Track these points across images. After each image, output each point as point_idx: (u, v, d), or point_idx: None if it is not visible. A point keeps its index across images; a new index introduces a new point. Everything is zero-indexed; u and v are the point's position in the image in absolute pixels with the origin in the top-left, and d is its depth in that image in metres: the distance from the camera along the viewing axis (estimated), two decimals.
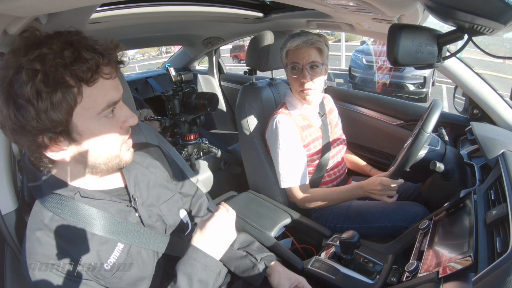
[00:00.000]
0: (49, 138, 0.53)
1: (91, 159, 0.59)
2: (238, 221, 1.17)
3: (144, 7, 1.20)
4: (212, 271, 0.66)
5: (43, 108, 0.50)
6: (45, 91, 0.49)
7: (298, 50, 1.14)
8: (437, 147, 1.00)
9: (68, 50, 0.51)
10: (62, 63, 0.50)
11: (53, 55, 0.50)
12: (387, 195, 1.04)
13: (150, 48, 11.23)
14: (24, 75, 0.49)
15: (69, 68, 0.51)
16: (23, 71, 0.49)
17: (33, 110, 0.50)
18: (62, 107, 0.51)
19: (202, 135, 1.94)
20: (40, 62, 0.49)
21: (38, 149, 0.55)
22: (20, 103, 0.50)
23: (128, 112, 0.62)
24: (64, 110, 0.52)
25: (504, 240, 0.61)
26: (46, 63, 0.49)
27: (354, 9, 0.74)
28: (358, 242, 0.87)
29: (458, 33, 0.59)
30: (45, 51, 0.50)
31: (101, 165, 0.61)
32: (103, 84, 0.56)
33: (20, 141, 0.55)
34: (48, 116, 0.51)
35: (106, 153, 0.60)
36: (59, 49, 0.51)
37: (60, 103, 0.51)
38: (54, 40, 0.52)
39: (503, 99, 1.19)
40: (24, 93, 0.49)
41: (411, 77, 5.17)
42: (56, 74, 0.50)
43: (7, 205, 0.76)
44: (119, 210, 0.67)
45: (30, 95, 0.49)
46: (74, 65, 0.51)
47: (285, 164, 1.20)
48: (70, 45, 0.52)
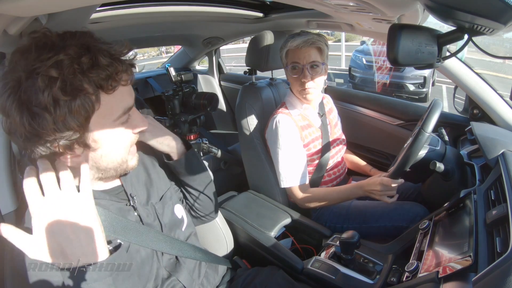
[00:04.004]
0: (64, 146, 0.52)
1: (103, 164, 0.59)
2: (238, 221, 1.17)
3: (144, 7, 1.20)
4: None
5: (60, 116, 0.48)
6: (63, 99, 0.48)
7: (298, 49, 1.14)
8: (437, 147, 1.00)
9: (86, 56, 0.49)
10: (80, 69, 0.49)
11: (70, 61, 0.48)
12: (387, 195, 1.04)
13: (150, 48, 11.23)
14: (40, 81, 0.46)
15: (87, 74, 0.49)
16: (39, 77, 0.47)
17: (50, 118, 0.48)
18: (81, 114, 0.50)
19: (202, 135, 1.94)
20: (57, 69, 0.47)
21: (52, 156, 0.54)
22: (36, 111, 0.48)
23: (140, 117, 0.62)
24: (82, 118, 0.51)
25: (504, 240, 0.61)
26: (63, 69, 0.47)
27: (354, 9, 0.74)
28: (358, 242, 0.87)
29: (458, 33, 0.59)
30: (62, 57, 0.48)
31: (111, 170, 0.62)
32: (121, 90, 0.56)
33: (32, 148, 0.53)
34: (66, 124, 0.49)
35: (118, 158, 0.61)
36: (76, 54, 0.49)
37: (79, 111, 0.50)
38: (68, 43, 0.50)
39: (503, 99, 1.19)
40: (40, 100, 0.47)
41: (411, 77, 5.16)
42: (74, 81, 0.48)
43: (7, 205, 0.76)
44: (119, 209, 0.67)
45: (47, 103, 0.47)
46: (92, 72, 0.50)
47: (285, 164, 1.20)
48: (87, 50, 0.50)
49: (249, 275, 0.92)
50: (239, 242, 1.13)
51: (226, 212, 1.22)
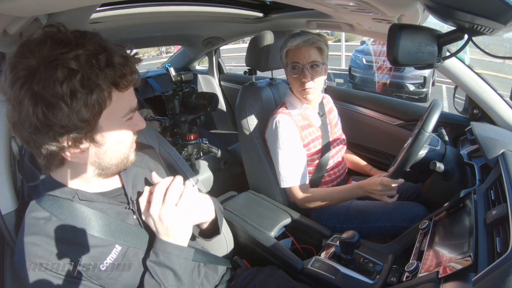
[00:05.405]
0: (73, 139, 0.53)
1: (106, 159, 0.61)
2: (238, 221, 1.17)
3: (144, 7, 1.20)
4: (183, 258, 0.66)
5: (76, 108, 0.50)
6: (81, 91, 0.49)
7: (298, 49, 1.14)
8: (437, 147, 1.00)
9: (102, 54, 0.52)
10: (97, 65, 0.51)
11: (88, 57, 0.50)
12: (387, 195, 1.05)
13: (150, 48, 11.24)
14: (59, 72, 0.48)
15: (104, 71, 0.51)
16: (59, 69, 0.48)
17: (66, 109, 0.49)
18: (94, 108, 0.52)
19: (202, 135, 1.94)
20: (77, 62, 0.49)
21: (57, 149, 0.54)
22: (52, 101, 0.49)
23: (140, 117, 0.65)
24: (95, 112, 0.52)
25: (504, 240, 0.61)
26: (82, 63, 0.49)
27: (354, 9, 0.74)
28: (358, 242, 0.87)
29: (458, 33, 0.59)
30: (81, 51, 0.49)
31: (113, 166, 0.63)
32: (130, 90, 0.59)
33: (39, 140, 0.53)
34: (79, 116, 0.51)
35: (120, 154, 0.62)
36: (94, 51, 0.51)
37: (93, 105, 0.52)
38: (86, 41, 0.52)
39: (503, 99, 1.19)
40: (57, 91, 0.48)
41: (411, 77, 5.16)
42: (92, 76, 0.50)
43: (7, 205, 0.76)
44: (117, 212, 0.67)
45: (64, 94, 0.48)
46: (108, 70, 0.52)
47: (285, 164, 1.20)
48: (104, 49, 0.52)
49: (248, 275, 0.92)
50: (239, 242, 1.13)
51: (226, 212, 1.22)
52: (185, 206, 0.65)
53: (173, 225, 0.64)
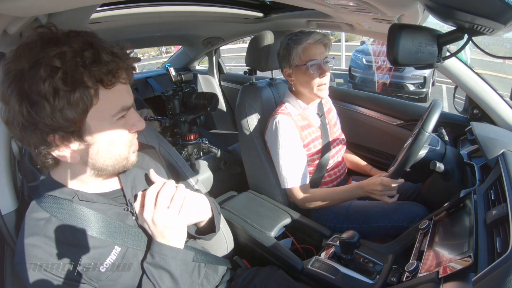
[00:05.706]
0: (60, 138, 0.53)
1: (99, 160, 0.60)
2: (238, 221, 1.17)
3: (144, 7, 1.20)
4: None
5: (59, 107, 0.49)
6: (63, 89, 0.49)
7: (314, 46, 1.14)
8: (437, 147, 1.00)
9: (89, 50, 0.51)
10: (82, 62, 0.50)
11: (73, 54, 0.49)
12: (387, 195, 1.05)
13: (150, 48, 11.24)
14: (42, 71, 0.48)
15: (89, 68, 0.50)
16: (42, 67, 0.48)
17: (49, 107, 0.49)
18: (78, 107, 0.51)
19: (202, 135, 1.94)
20: (60, 60, 0.48)
21: (47, 148, 0.54)
22: (35, 99, 0.49)
23: (137, 117, 0.63)
24: (80, 110, 0.51)
25: (504, 240, 0.61)
26: (66, 61, 0.49)
27: (354, 9, 0.74)
28: (358, 242, 0.87)
29: (458, 33, 0.59)
30: (66, 49, 0.49)
31: (109, 167, 0.61)
32: (119, 88, 0.56)
33: (28, 139, 0.53)
34: (63, 114, 0.50)
35: (115, 155, 0.61)
36: (80, 48, 0.50)
37: (77, 103, 0.51)
38: (73, 39, 0.51)
39: (503, 99, 1.19)
40: (40, 89, 0.48)
41: (411, 77, 5.16)
42: (76, 73, 0.49)
43: (7, 205, 0.76)
44: (117, 213, 0.67)
45: (46, 92, 0.48)
46: (94, 66, 0.51)
47: (286, 165, 1.20)
48: (90, 46, 0.51)
49: (249, 275, 0.92)
50: (239, 242, 1.13)
51: (226, 212, 1.22)
52: (176, 208, 0.66)
53: (166, 228, 0.64)
